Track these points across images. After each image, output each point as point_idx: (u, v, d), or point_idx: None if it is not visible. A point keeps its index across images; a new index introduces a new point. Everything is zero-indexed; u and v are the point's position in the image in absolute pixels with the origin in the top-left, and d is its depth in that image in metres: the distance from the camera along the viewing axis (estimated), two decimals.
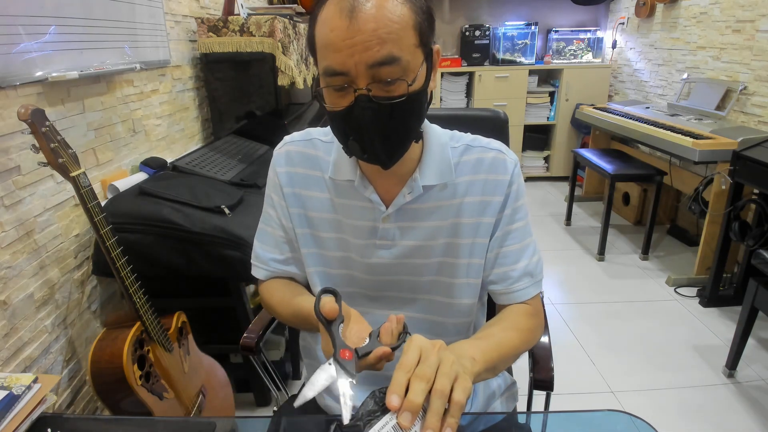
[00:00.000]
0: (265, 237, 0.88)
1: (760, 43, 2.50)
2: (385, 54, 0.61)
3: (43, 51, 1.18)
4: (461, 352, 0.62)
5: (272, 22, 1.97)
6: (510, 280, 0.80)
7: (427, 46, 0.67)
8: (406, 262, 0.81)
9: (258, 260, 0.88)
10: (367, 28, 0.60)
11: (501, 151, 0.80)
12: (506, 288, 0.81)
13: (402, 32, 0.62)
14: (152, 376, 1.19)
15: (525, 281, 0.80)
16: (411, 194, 0.77)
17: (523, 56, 4.14)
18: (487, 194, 0.79)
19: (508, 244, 0.80)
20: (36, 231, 1.21)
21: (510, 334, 0.75)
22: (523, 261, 0.80)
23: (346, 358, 0.57)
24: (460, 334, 0.86)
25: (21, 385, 0.69)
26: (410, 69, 0.64)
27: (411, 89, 0.65)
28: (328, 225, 0.83)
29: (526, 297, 0.81)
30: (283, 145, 0.85)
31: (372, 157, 0.70)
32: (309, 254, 0.85)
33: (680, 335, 2.18)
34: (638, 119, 2.91)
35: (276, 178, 0.84)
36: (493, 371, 0.70)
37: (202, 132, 2.21)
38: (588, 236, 3.19)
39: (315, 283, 0.86)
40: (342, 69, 0.63)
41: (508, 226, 0.80)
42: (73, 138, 1.33)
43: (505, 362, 0.73)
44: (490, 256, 0.81)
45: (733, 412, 1.73)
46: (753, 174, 2.08)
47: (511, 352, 0.73)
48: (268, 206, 0.87)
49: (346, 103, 0.65)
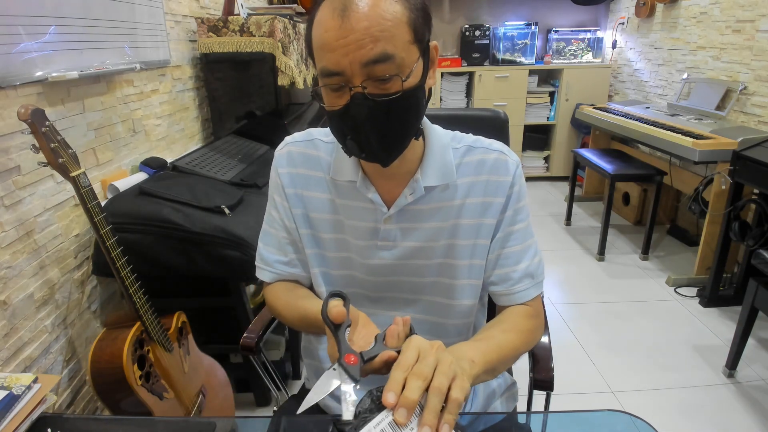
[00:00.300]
0: (269, 239, 0.87)
1: (760, 43, 2.50)
2: (379, 52, 0.62)
3: (43, 51, 1.18)
4: (460, 354, 0.62)
5: (272, 22, 1.97)
6: (511, 281, 0.80)
7: (423, 43, 0.67)
8: (407, 263, 0.81)
9: (263, 262, 0.88)
10: (360, 26, 0.61)
11: (503, 152, 0.80)
12: (507, 289, 0.81)
13: (395, 29, 0.62)
14: (152, 376, 1.19)
15: (526, 282, 0.80)
16: (413, 195, 0.77)
17: (523, 56, 4.14)
18: (489, 195, 0.78)
19: (510, 246, 0.80)
20: (36, 231, 1.21)
21: (510, 336, 0.75)
22: (525, 262, 0.80)
23: (351, 363, 0.57)
24: (461, 335, 0.86)
25: (21, 385, 0.69)
26: (405, 66, 0.64)
27: (406, 85, 0.65)
28: (329, 226, 0.83)
29: (526, 298, 0.81)
30: (284, 145, 0.85)
31: (370, 155, 0.70)
32: (312, 255, 0.85)
33: (680, 335, 2.18)
34: (638, 119, 2.91)
35: (278, 179, 0.84)
36: (493, 373, 0.70)
37: (202, 132, 2.21)
38: (588, 236, 3.19)
39: (318, 283, 0.86)
40: (337, 68, 0.63)
41: (509, 227, 0.80)
42: (73, 138, 1.33)
43: (504, 364, 0.72)
44: (492, 258, 0.81)
45: (733, 412, 1.73)
46: (753, 174, 2.08)
47: (511, 353, 0.73)
48: (271, 207, 0.87)
49: (342, 102, 0.66)
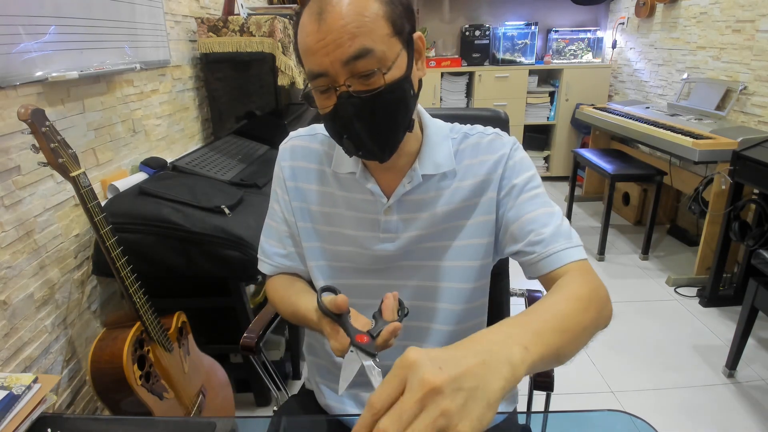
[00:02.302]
0: (270, 232, 0.89)
1: (760, 43, 2.50)
2: (358, 47, 0.62)
3: (43, 51, 1.18)
4: (502, 339, 0.46)
5: (272, 22, 1.97)
6: (542, 243, 0.70)
7: (404, 35, 0.67)
8: (409, 251, 0.81)
9: (264, 255, 0.89)
10: (337, 25, 0.62)
11: (498, 133, 0.81)
12: (541, 252, 0.70)
13: (372, 24, 0.63)
14: (152, 376, 1.19)
15: (562, 242, 0.70)
16: (410, 183, 0.77)
17: (523, 56, 4.14)
18: (487, 173, 0.78)
19: (530, 211, 0.74)
20: (36, 231, 1.21)
21: (571, 305, 0.57)
22: (552, 225, 0.72)
23: (364, 342, 0.61)
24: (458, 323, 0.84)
25: (21, 385, 0.69)
26: (386, 59, 0.65)
27: (388, 78, 0.65)
28: (329, 218, 0.83)
29: (568, 259, 0.69)
30: (288, 140, 0.87)
31: (366, 153, 0.71)
32: (310, 248, 0.85)
33: (680, 335, 2.18)
34: (638, 119, 2.91)
35: (280, 173, 0.86)
36: (557, 359, 0.52)
37: (202, 132, 2.21)
38: (588, 236, 3.19)
39: (316, 277, 0.86)
40: (320, 69, 0.64)
41: (521, 194, 0.76)
42: (73, 138, 1.33)
43: (571, 343, 0.53)
44: (514, 230, 0.74)
45: (733, 412, 1.73)
46: (753, 174, 2.08)
47: (576, 328, 0.55)
48: (273, 201, 0.88)
49: (331, 103, 0.67)
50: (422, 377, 0.39)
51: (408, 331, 0.84)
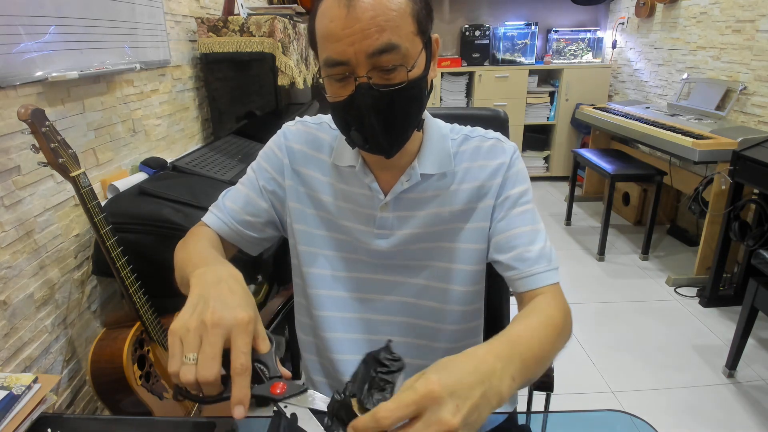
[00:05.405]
0: (235, 194, 0.85)
1: (760, 43, 2.50)
2: (385, 41, 0.62)
3: (43, 51, 1.18)
4: (501, 369, 0.51)
5: (272, 22, 1.97)
6: (528, 261, 0.74)
7: (426, 35, 0.68)
8: (403, 249, 0.81)
9: (215, 207, 0.86)
10: (366, 16, 0.61)
11: (499, 139, 0.81)
12: (525, 270, 0.74)
13: (400, 20, 0.63)
14: (152, 376, 1.19)
15: (543, 264, 0.74)
16: (409, 182, 0.77)
17: (523, 56, 4.14)
18: (486, 179, 0.79)
19: (519, 227, 0.77)
20: (36, 231, 1.21)
21: (548, 331, 0.63)
22: (538, 244, 0.76)
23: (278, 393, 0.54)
24: (456, 324, 0.85)
25: (21, 385, 0.69)
26: (409, 56, 0.65)
27: (411, 75, 0.66)
28: (324, 206, 0.83)
29: (547, 282, 0.74)
30: (295, 123, 0.86)
31: (374, 146, 0.70)
32: (300, 230, 0.84)
33: (680, 335, 2.18)
34: (638, 119, 2.92)
35: (279, 152, 0.84)
36: (528, 383, 0.59)
37: (202, 132, 2.21)
38: (588, 236, 3.19)
39: (304, 261, 0.84)
40: (342, 58, 0.63)
41: (513, 208, 0.78)
42: (73, 138, 1.33)
43: (544, 368, 0.61)
44: (500, 240, 0.77)
45: (733, 412, 1.73)
46: (753, 174, 2.08)
47: (551, 354, 0.62)
48: (251, 170, 0.86)
49: (347, 92, 0.66)
50: (442, 417, 0.43)
51: (408, 330, 0.85)
